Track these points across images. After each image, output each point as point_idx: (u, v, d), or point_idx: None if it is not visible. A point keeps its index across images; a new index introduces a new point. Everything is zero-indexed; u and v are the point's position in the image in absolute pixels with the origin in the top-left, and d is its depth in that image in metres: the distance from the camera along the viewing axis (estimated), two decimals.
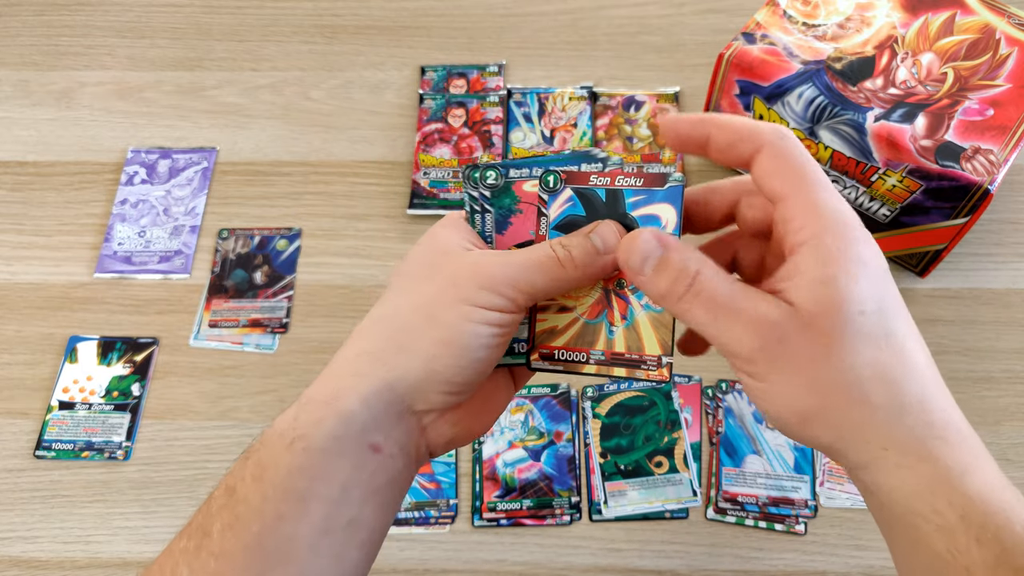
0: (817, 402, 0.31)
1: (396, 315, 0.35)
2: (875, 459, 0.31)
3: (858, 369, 0.30)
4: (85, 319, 0.65)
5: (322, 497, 0.32)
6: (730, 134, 0.33)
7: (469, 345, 0.34)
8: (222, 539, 0.32)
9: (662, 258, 0.32)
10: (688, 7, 0.78)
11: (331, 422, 0.33)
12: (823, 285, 0.30)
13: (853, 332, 0.30)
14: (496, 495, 0.57)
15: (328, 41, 0.78)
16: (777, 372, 0.31)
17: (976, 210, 0.56)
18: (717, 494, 0.57)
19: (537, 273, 0.34)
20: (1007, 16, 0.61)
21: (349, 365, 0.35)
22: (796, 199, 0.31)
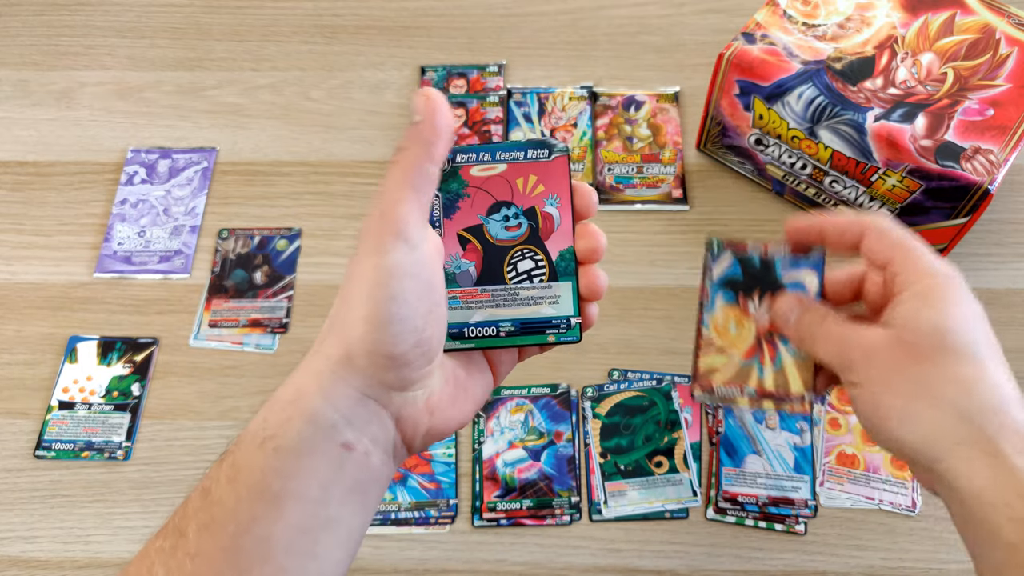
0: (899, 399, 0.37)
1: (341, 295, 0.35)
2: (948, 453, 0.35)
3: (940, 377, 0.36)
4: (85, 319, 0.65)
5: (297, 496, 0.32)
6: (839, 224, 0.41)
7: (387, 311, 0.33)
8: (198, 540, 0.32)
9: (800, 312, 0.42)
10: (688, 7, 0.78)
11: (298, 422, 0.33)
12: (918, 311, 0.38)
13: (940, 347, 0.37)
14: (496, 495, 0.57)
15: (328, 41, 0.78)
16: (870, 376, 0.38)
17: (976, 210, 0.56)
18: (717, 494, 0.57)
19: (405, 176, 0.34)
20: (1007, 16, 0.61)
21: (306, 363, 0.35)
22: (900, 260, 0.39)
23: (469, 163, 0.39)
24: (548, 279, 0.39)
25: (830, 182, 0.62)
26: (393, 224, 0.34)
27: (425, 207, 0.35)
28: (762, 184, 0.68)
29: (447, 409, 0.37)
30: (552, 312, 0.39)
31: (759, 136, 0.63)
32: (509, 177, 0.39)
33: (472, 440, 0.59)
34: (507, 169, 0.39)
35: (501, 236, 0.39)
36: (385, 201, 0.34)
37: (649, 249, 0.66)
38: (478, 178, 0.39)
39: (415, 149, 0.34)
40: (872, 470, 0.57)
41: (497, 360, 0.41)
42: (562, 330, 0.39)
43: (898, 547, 0.55)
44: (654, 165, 0.70)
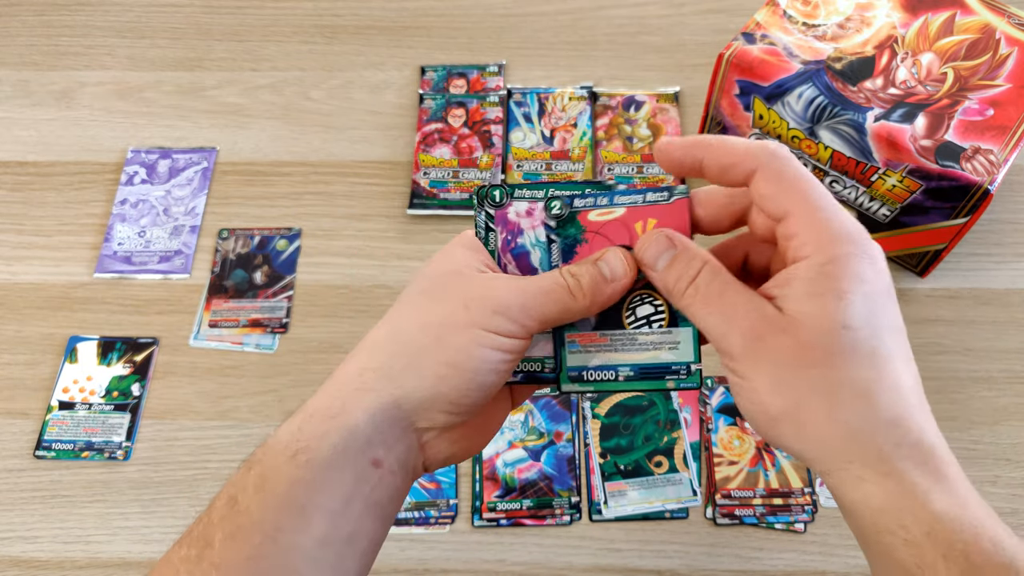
0: (786, 405, 0.32)
1: (404, 332, 0.35)
2: (837, 470, 0.31)
3: (832, 382, 0.31)
4: (85, 319, 0.65)
5: (323, 509, 0.33)
6: (722, 157, 0.34)
7: (478, 369, 0.34)
8: (223, 549, 0.32)
9: (674, 255, 0.35)
10: (688, 7, 0.78)
11: (336, 436, 0.33)
12: (811, 297, 0.31)
13: (833, 346, 0.31)
14: (496, 495, 0.57)
15: (328, 41, 0.78)
16: (755, 371, 0.32)
17: (976, 210, 0.56)
18: (715, 509, 0.57)
19: (547, 301, 0.35)
20: (1007, 16, 0.61)
21: (355, 379, 0.35)
22: (797, 218, 0.32)
23: (587, 208, 0.37)
24: (668, 324, 0.37)
25: (830, 182, 0.62)
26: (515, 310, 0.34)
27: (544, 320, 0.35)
28: None
29: (470, 438, 0.38)
30: (672, 358, 0.37)
31: (759, 136, 0.63)
32: (627, 221, 0.37)
33: None
34: (625, 213, 0.37)
35: None
36: (524, 289, 0.35)
37: None
38: (596, 223, 0.38)
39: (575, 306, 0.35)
40: None
41: (518, 391, 0.41)
42: (682, 376, 0.37)
43: None
44: (654, 165, 0.70)
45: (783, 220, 0.33)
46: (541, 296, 0.35)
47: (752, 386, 0.32)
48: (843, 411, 0.31)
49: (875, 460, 0.31)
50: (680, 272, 0.34)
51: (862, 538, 0.32)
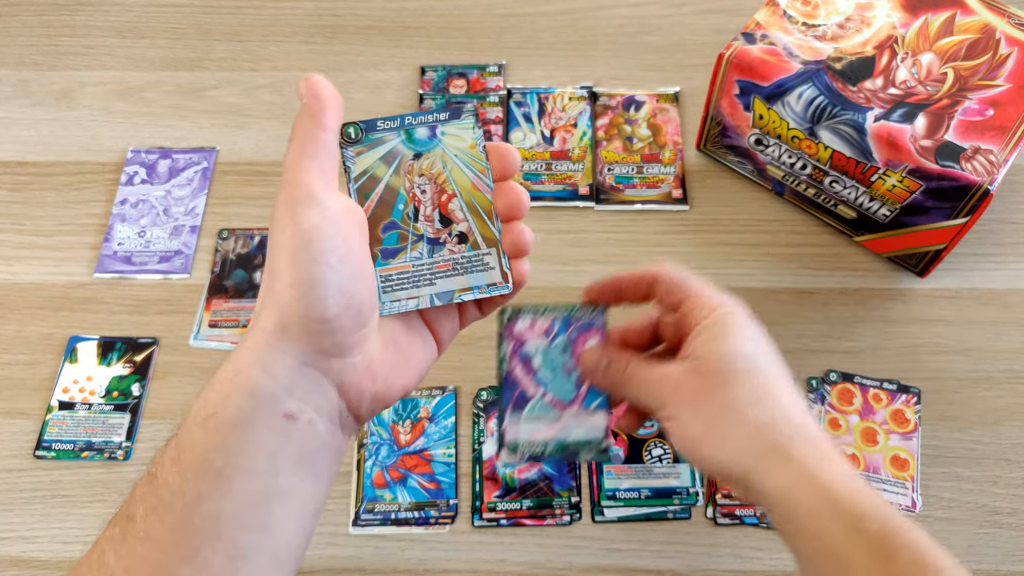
0: (703, 426, 0.40)
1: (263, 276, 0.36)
2: (754, 465, 0.39)
3: (735, 397, 0.40)
4: (85, 319, 0.65)
5: (242, 471, 0.33)
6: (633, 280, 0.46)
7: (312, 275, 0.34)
8: (146, 523, 0.32)
9: (608, 362, 0.45)
10: (688, 7, 0.78)
11: (237, 396, 0.33)
12: (710, 342, 0.41)
13: (730, 372, 0.40)
14: (496, 495, 0.57)
15: (328, 41, 0.78)
16: (679, 410, 0.41)
17: (976, 210, 0.56)
18: (715, 509, 0.57)
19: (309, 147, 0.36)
20: (1007, 16, 0.61)
21: (243, 339, 0.36)
22: (690, 299, 0.43)
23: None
24: (672, 462, 0.58)
25: (830, 182, 0.62)
26: (300, 189, 0.35)
27: (327, 172, 0.36)
28: (762, 184, 0.68)
29: (390, 375, 0.38)
30: (676, 483, 0.57)
31: (759, 136, 0.63)
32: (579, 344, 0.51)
33: (472, 440, 0.59)
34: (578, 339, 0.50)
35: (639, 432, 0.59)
36: (289, 172, 0.36)
37: (649, 249, 0.66)
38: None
39: (306, 121, 0.36)
40: (872, 470, 0.57)
41: (439, 327, 0.41)
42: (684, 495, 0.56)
43: None
44: (654, 165, 0.70)
45: (679, 307, 0.44)
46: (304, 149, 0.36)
47: (679, 422, 0.41)
48: (747, 416, 0.39)
49: (778, 448, 0.39)
50: (615, 368, 0.44)
51: (781, 522, 0.38)
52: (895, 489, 0.57)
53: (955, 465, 0.58)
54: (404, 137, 0.40)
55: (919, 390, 0.60)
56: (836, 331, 0.63)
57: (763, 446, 0.39)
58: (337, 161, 0.37)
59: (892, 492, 0.57)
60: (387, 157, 0.40)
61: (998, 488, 0.57)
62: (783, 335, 0.62)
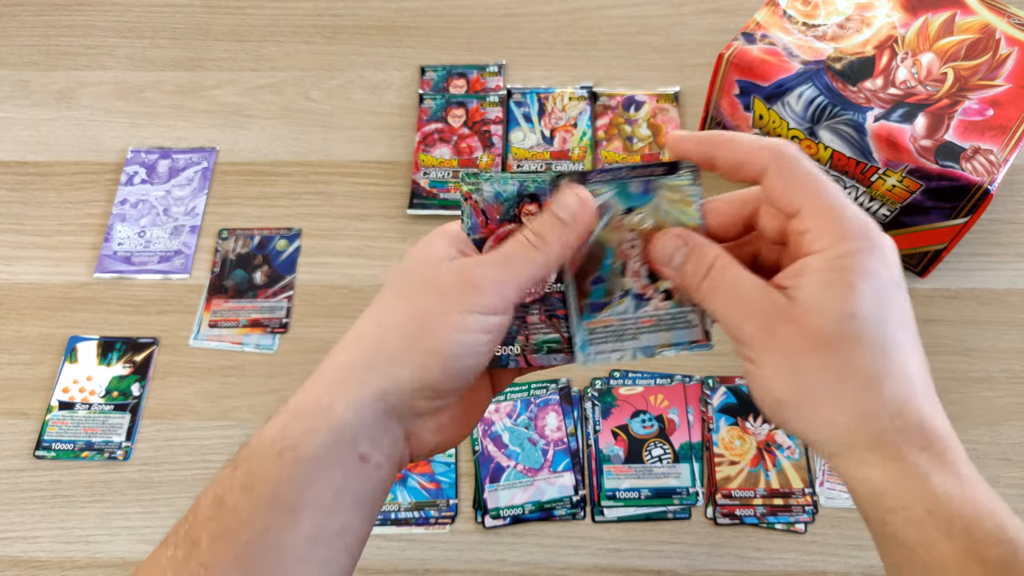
0: (794, 390, 0.33)
1: (386, 325, 0.35)
2: (840, 453, 0.33)
3: (839, 368, 0.32)
4: (85, 319, 0.65)
5: (312, 507, 0.33)
6: (733, 155, 0.35)
7: (459, 354, 0.34)
8: (211, 549, 0.32)
9: (686, 252, 0.36)
10: (688, 7, 0.78)
11: (323, 433, 0.33)
12: (822, 288, 0.33)
13: (841, 334, 0.32)
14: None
15: (328, 41, 0.78)
16: (766, 358, 0.33)
17: (976, 210, 0.56)
18: (715, 509, 0.57)
19: (517, 263, 0.35)
20: (1007, 16, 0.61)
21: (339, 374, 0.35)
22: (810, 213, 0.33)
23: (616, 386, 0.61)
24: (672, 462, 0.58)
25: None
26: (490, 300, 0.34)
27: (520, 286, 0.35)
28: None
29: (454, 426, 0.38)
30: (676, 483, 0.57)
31: (760, 136, 0.63)
32: (644, 395, 0.60)
33: (471, 441, 0.59)
34: (643, 390, 0.61)
35: (639, 432, 0.59)
36: (491, 261, 0.35)
37: None
38: (623, 395, 0.60)
39: (544, 257, 0.35)
40: None
41: (499, 376, 0.41)
42: (684, 495, 0.57)
43: None
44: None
45: (795, 216, 0.34)
46: (510, 262, 0.35)
47: (763, 373, 0.34)
48: (848, 396, 0.32)
49: (879, 443, 0.32)
50: (694, 267, 0.35)
51: (868, 520, 0.34)
52: None
53: None
54: (617, 190, 0.39)
55: None
56: None
57: (862, 434, 0.32)
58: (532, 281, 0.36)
59: None
60: (599, 210, 0.38)
61: (998, 488, 0.56)
62: None
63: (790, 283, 0.33)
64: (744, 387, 0.60)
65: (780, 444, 0.58)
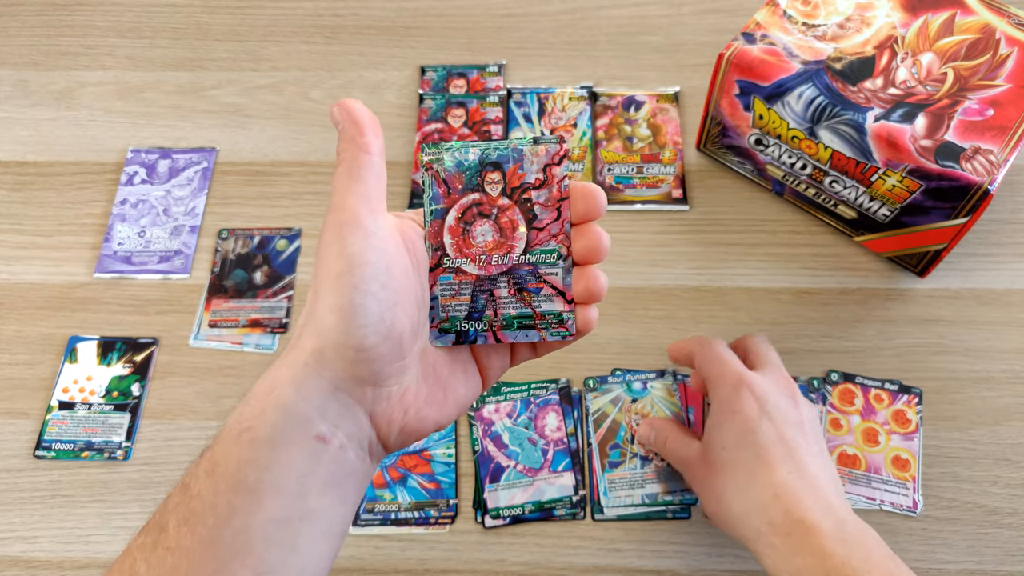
0: (713, 506, 0.50)
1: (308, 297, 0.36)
2: (749, 543, 0.47)
3: (721, 485, 0.49)
4: (85, 319, 0.65)
5: (274, 488, 0.33)
6: (682, 351, 0.57)
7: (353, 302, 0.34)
8: (178, 534, 0.32)
9: (654, 436, 0.57)
10: (688, 7, 0.78)
11: (272, 413, 0.34)
12: (711, 429, 0.51)
13: (717, 462, 0.49)
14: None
15: (328, 41, 0.78)
16: (694, 487, 0.52)
17: (976, 210, 0.56)
18: None
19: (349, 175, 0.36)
20: (1007, 16, 0.61)
21: (282, 357, 0.36)
22: (710, 378, 0.52)
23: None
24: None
25: (830, 182, 0.62)
26: (346, 213, 0.35)
27: (374, 195, 0.36)
28: (762, 184, 0.68)
29: (423, 407, 0.37)
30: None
31: (759, 136, 0.63)
32: None
33: (472, 440, 0.59)
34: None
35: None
36: (336, 195, 0.36)
37: (649, 249, 0.66)
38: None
39: (348, 146, 0.36)
40: (873, 470, 0.57)
41: (488, 363, 0.40)
42: (684, 496, 0.57)
43: (898, 547, 0.55)
44: (654, 165, 0.70)
45: (705, 382, 0.53)
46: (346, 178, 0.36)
47: (699, 496, 0.52)
48: (731, 504, 0.48)
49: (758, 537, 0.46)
50: (658, 442, 0.56)
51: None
52: (896, 490, 0.57)
53: (955, 465, 0.58)
54: (625, 388, 0.60)
55: (920, 390, 0.60)
56: (836, 331, 0.63)
57: (750, 528, 0.46)
58: (384, 183, 0.36)
59: (893, 492, 0.57)
60: (613, 400, 0.60)
61: (998, 488, 0.57)
62: (783, 335, 0.62)
63: (703, 432, 0.52)
64: None
65: None
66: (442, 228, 0.38)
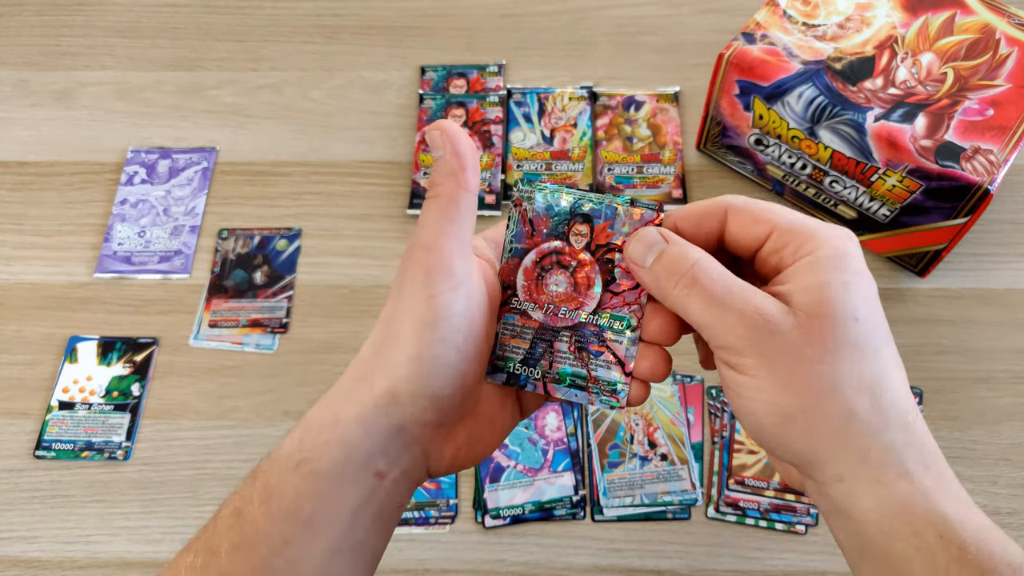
0: (800, 402, 0.31)
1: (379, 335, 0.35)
2: (851, 472, 0.31)
3: (846, 375, 0.30)
4: (85, 319, 0.65)
5: (330, 521, 0.33)
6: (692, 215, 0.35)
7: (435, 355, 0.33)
8: (230, 560, 0.32)
9: (663, 251, 0.34)
10: (688, 7, 0.78)
11: (335, 447, 0.33)
12: (820, 289, 0.31)
13: (845, 338, 0.31)
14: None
15: (328, 41, 0.78)
16: (763, 367, 0.31)
17: (976, 210, 0.56)
18: (720, 496, 0.57)
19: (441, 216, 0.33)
20: (1007, 16, 0.61)
21: (347, 389, 0.35)
22: (784, 229, 0.33)
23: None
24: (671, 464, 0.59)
25: (830, 182, 0.62)
26: (438, 257, 0.33)
27: (466, 239, 0.34)
28: (762, 184, 0.68)
29: (474, 441, 0.37)
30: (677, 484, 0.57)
31: (759, 136, 0.63)
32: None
33: None
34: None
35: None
36: (426, 233, 0.33)
37: None
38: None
39: (447, 183, 0.33)
40: None
41: (526, 400, 0.40)
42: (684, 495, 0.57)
43: None
44: (654, 165, 0.70)
45: (769, 237, 0.33)
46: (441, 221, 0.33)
47: (758, 383, 0.31)
48: (858, 405, 0.30)
49: (887, 460, 0.30)
50: (673, 266, 0.33)
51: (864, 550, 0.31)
52: None
53: (955, 465, 0.57)
54: None
55: (920, 390, 0.60)
56: None
57: (872, 450, 0.30)
58: (474, 224, 0.34)
59: None
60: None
61: (998, 488, 0.57)
62: None
63: (780, 289, 0.32)
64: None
65: None
66: (517, 268, 0.37)
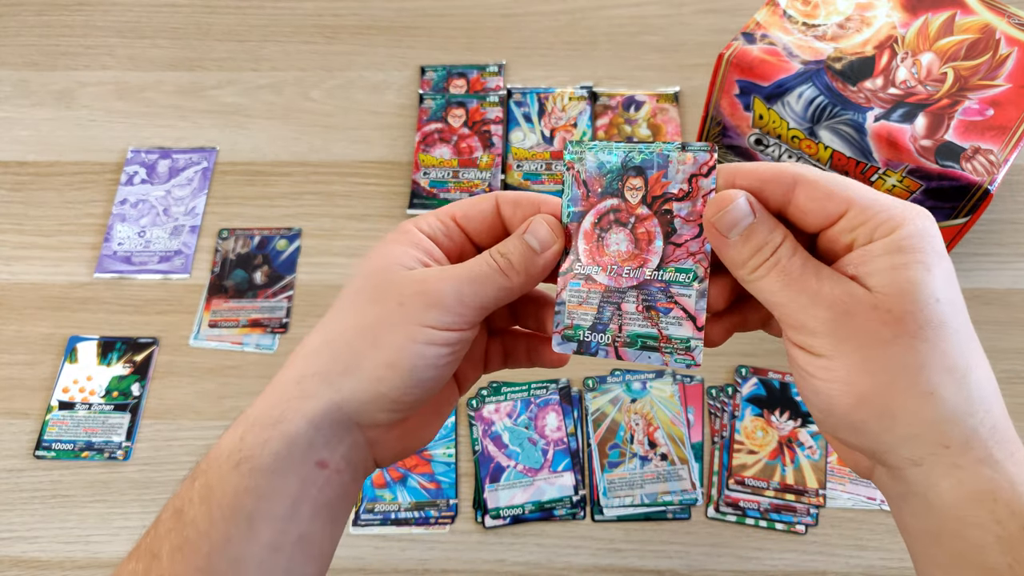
0: (878, 382, 0.29)
1: (341, 336, 0.34)
2: (931, 455, 0.29)
3: (927, 356, 0.29)
4: (85, 319, 0.65)
5: (270, 516, 0.32)
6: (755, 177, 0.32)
7: (416, 366, 0.33)
8: (172, 561, 0.32)
9: (751, 225, 0.32)
10: (688, 7, 0.78)
11: (276, 443, 0.33)
12: (900, 269, 0.30)
13: (926, 319, 0.29)
14: None
15: (328, 41, 0.78)
16: (840, 348, 0.30)
17: (976, 210, 0.56)
18: (720, 496, 0.57)
19: (482, 286, 0.34)
20: (1007, 16, 0.61)
21: (294, 387, 0.34)
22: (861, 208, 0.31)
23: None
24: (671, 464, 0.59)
25: None
26: (439, 296, 0.33)
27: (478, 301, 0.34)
28: None
29: (420, 428, 0.38)
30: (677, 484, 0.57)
31: (759, 136, 0.63)
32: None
33: (472, 440, 0.59)
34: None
35: None
36: (456, 277, 0.34)
37: None
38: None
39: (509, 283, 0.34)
40: None
41: (463, 377, 0.40)
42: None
43: (898, 547, 0.55)
44: None
45: (843, 216, 0.31)
46: (475, 283, 0.34)
47: (833, 364, 0.30)
48: (940, 388, 0.29)
49: (970, 444, 0.29)
50: (760, 243, 0.31)
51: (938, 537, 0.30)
52: None
53: None
54: (624, 388, 0.60)
55: None
56: None
57: (954, 435, 0.29)
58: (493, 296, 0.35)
59: None
60: (613, 400, 0.59)
61: None
62: None
63: (858, 271, 0.30)
64: (776, 382, 0.60)
65: (802, 443, 0.58)
66: (578, 231, 0.36)
